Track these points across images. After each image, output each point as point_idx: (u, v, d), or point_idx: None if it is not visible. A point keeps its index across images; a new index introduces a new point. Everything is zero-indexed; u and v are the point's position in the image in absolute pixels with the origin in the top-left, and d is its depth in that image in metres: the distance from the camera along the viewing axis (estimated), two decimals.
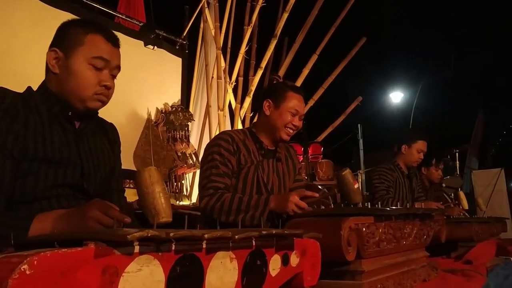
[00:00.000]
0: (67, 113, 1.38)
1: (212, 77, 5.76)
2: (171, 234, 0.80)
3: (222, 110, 5.39)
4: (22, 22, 4.20)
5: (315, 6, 6.00)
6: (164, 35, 5.66)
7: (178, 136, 5.16)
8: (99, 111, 1.49)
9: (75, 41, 1.37)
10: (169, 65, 5.74)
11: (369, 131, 13.04)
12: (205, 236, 0.86)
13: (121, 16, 5.32)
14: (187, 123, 5.35)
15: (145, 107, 5.18)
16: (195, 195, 5.28)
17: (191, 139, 5.89)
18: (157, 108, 5.30)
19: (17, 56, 4.07)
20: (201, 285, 0.91)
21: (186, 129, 5.29)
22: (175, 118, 5.16)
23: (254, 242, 1.05)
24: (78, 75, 1.36)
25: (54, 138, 1.31)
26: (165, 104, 5.35)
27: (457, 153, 6.31)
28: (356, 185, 1.91)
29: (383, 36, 15.38)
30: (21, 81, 1.56)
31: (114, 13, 5.17)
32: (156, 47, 5.28)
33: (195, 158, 5.26)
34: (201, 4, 5.75)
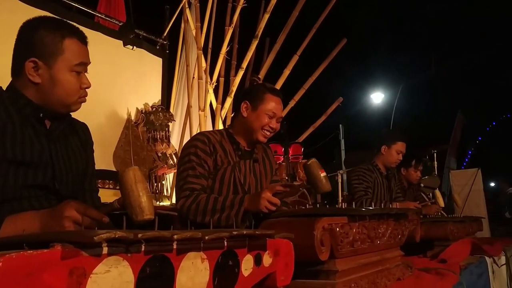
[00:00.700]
0: (38, 114, 1.37)
1: (193, 78, 5.76)
2: (139, 235, 0.80)
3: (203, 110, 5.38)
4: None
5: (296, 7, 6.03)
6: (144, 35, 5.64)
7: (158, 136, 5.14)
8: (79, 110, 1.49)
9: (54, 50, 1.36)
10: (149, 65, 5.71)
11: (351, 132, 13.22)
12: (175, 237, 0.86)
13: (100, 15, 5.28)
14: (168, 124, 5.33)
15: (125, 107, 5.15)
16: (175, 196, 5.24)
17: (172, 139, 5.87)
18: (137, 108, 5.27)
19: None
20: (172, 286, 0.92)
21: (166, 129, 5.27)
22: (156, 118, 5.14)
23: (226, 242, 1.06)
24: (63, 84, 1.36)
25: (25, 139, 1.31)
26: (145, 104, 5.32)
27: (435, 154, 6.39)
28: (323, 174, 1.92)
29: (364, 37, 15.54)
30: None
31: (93, 13, 5.12)
32: (135, 47, 5.26)
33: (175, 158, 5.24)
34: (182, 4, 5.74)
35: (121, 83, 5.18)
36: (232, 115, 5.89)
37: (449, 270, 2.11)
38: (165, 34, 6.08)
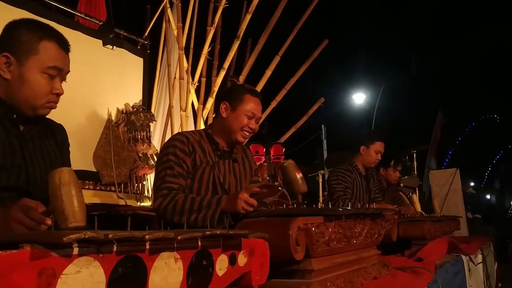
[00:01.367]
0: (11, 115, 1.36)
1: (174, 78, 5.74)
2: (110, 235, 0.80)
3: (184, 110, 5.37)
4: None
5: (278, 7, 6.05)
6: (125, 34, 5.60)
7: (139, 136, 5.10)
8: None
9: (28, 49, 1.34)
10: (130, 65, 5.67)
11: (333, 132, 13.29)
12: (146, 237, 0.87)
13: (80, 15, 5.23)
14: (149, 124, 5.31)
15: (106, 107, 5.11)
16: None
17: (153, 140, 5.84)
18: (117, 108, 5.23)
19: None
20: (145, 286, 0.92)
21: (147, 129, 5.24)
22: (136, 118, 5.11)
23: (200, 242, 1.07)
24: (31, 84, 1.34)
25: None
26: (126, 104, 5.29)
27: (415, 154, 6.47)
28: (299, 175, 1.94)
29: (345, 38, 15.65)
30: None
31: (73, 12, 5.07)
32: (116, 47, 5.22)
33: (156, 159, 5.21)
34: (163, 4, 5.72)
35: (102, 83, 5.14)
36: (214, 116, 5.90)
37: (424, 268, 2.14)
38: (146, 34, 6.05)
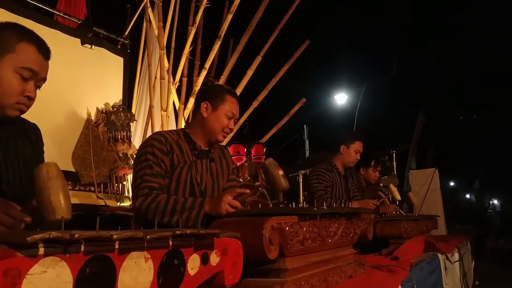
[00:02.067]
0: None
1: (155, 78, 5.72)
2: (76, 235, 0.80)
3: (165, 110, 5.36)
4: None
5: (260, 8, 6.06)
6: (105, 34, 5.55)
7: (119, 136, 5.07)
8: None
9: (5, 46, 1.34)
10: (110, 64, 5.63)
11: (315, 132, 13.36)
12: (114, 236, 0.87)
13: (59, 13, 5.17)
14: (129, 124, 5.27)
15: (85, 106, 5.06)
16: None
17: (135, 139, 5.81)
18: (97, 108, 5.19)
19: None
20: (113, 286, 0.92)
21: (128, 129, 5.21)
22: (116, 118, 5.08)
23: (171, 242, 1.07)
24: (2, 81, 1.33)
25: None
26: (106, 104, 5.25)
27: (394, 154, 6.55)
28: (281, 172, 1.97)
29: (327, 38, 15.73)
30: None
31: (52, 11, 5.01)
32: (96, 46, 5.18)
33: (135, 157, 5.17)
34: (144, 3, 5.69)
35: (81, 82, 5.09)
36: (191, 115, 5.89)
37: (399, 267, 2.17)
38: (127, 33, 6.01)
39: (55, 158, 1.65)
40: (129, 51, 6.04)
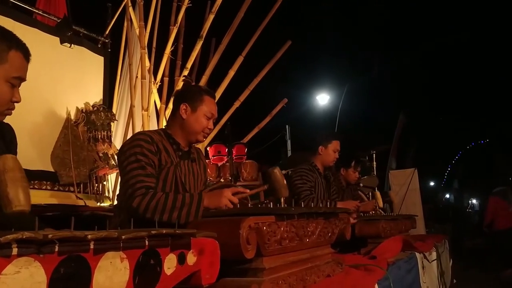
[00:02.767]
0: None
1: (136, 77, 5.68)
2: (49, 235, 0.80)
3: (146, 110, 5.33)
4: None
5: (242, 8, 6.07)
6: (85, 33, 5.49)
7: (99, 136, 5.01)
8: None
9: None
10: (90, 63, 5.57)
11: (297, 132, 13.42)
12: (88, 236, 0.87)
13: (38, 12, 5.11)
14: (110, 123, 5.23)
15: (64, 106, 5.00)
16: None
17: (116, 139, 5.76)
18: (77, 107, 5.13)
19: None
20: (88, 285, 0.92)
21: (108, 129, 5.15)
22: (97, 118, 5.03)
23: (147, 242, 1.07)
24: None
25: None
26: (86, 103, 5.19)
27: (374, 154, 6.62)
28: (285, 181, 2.08)
29: (309, 39, 15.82)
30: None
31: (31, 9, 4.94)
32: (76, 45, 5.12)
33: (119, 156, 5.12)
34: (125, 2, 5.65)
35: (61, 82, 5.02)
36: (170, 116, 5.87)
37: (376, 266, 2.20)
38: (107, 32, 5.96)
39: (33, 158, 1.64)
40: (109, 50, 5.98)
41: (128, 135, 5.46)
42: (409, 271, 2.77)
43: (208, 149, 5.75)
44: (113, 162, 4.99)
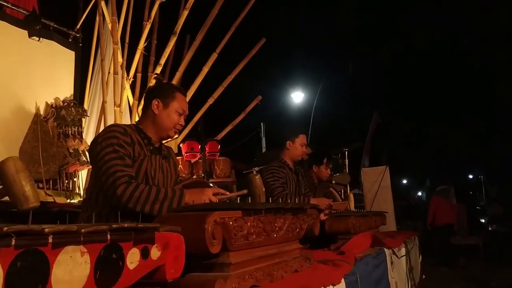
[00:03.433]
0: None
1: (108, 73, 5.61)
2: (5, 228, 0.79)
3: (119, 106, 5.27)
4: None
5: (216, 5, 6.06)
6: (55, 26, 5.39)
7: (70, 132, 4.93)
8: None
9: None
10: (61, 58, 5.47)
11: (272, 130, 13.47)
12: (46, 230, 0.86)
13: (7, 5, 5.00)
14: (81, 119, 5.15)
15: (33, 101, 4.90)
16: None
17: (87, 135, 5.68)
18: (47, 102, 5.04)
19: None
20: (47, 280, 0.91)
21: (79, 125, 5.08)
22: (67, 113, 4.94)
23: (109, 236, 1.07)
24: None
25: None
26: (56, 98, 5.10)
27: (347, 152, 6.69)
28: (263, 189, 2.12)
29: (284, 37, 15.89)
30: None
31: (1, 2, 4.83)
32: (44, 39, 5.03)
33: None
34: None
35: (30, 76, 4.93)
36: (142, 111, 5.82)
37: (344, 261, 2.23)
38: (78, 26, 5.87)
39: (1, 153, 1.61)
40: (81, 44, 5.89)
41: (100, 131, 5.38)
42: (377, 266, 2.80)
43: (181, 145, 5.72)
44: (84, 158, 4.92)
